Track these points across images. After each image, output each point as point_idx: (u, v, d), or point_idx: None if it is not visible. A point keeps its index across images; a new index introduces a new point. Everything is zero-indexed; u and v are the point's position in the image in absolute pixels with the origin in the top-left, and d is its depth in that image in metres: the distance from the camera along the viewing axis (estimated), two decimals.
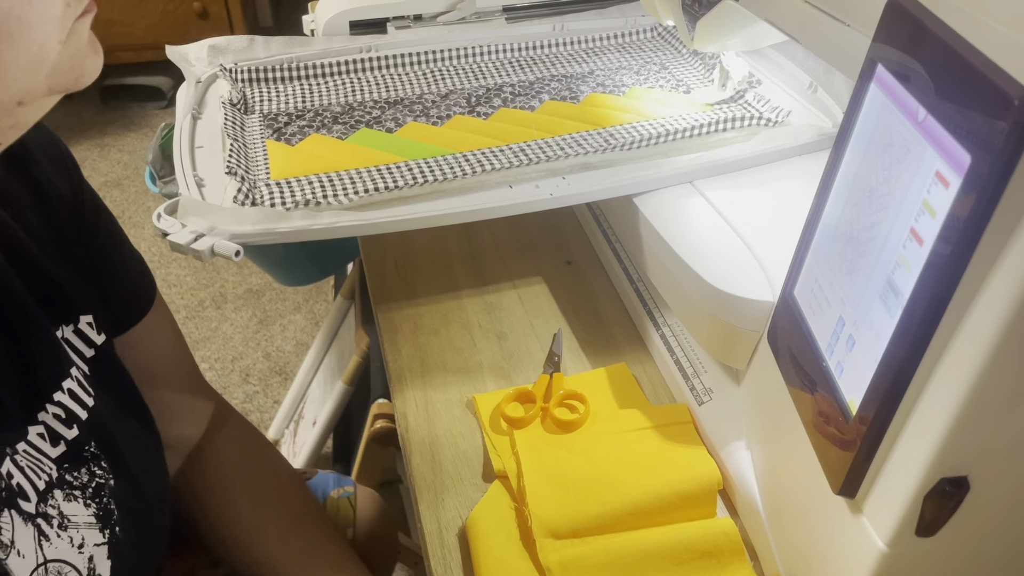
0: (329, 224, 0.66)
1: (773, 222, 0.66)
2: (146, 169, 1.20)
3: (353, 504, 0.83)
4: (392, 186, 0.69)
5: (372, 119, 0.82)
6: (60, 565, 0.49)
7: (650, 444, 0.64)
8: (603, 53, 0.95)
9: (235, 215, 0.64)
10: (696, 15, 0.68)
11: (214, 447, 0.71)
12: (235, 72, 0.87)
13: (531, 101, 0.84)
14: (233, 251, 0.61)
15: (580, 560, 0.56)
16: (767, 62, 0.87)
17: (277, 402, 1.74)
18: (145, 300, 0.66)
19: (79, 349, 0.56)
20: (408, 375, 0.73)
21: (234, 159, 0.71)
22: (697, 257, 0.63)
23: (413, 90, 0.87)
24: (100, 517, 0.53)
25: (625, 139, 0.74)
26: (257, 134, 0.79)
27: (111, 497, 0.54)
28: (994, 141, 0.32)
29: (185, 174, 0.70)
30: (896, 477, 0.41)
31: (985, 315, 0.35)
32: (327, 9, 0.95)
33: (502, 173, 0.71)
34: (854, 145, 0.44)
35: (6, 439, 0.48)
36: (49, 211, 0.56)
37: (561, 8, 1.01)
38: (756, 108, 0.79)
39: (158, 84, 2.76)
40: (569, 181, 0.71)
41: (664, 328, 0.73)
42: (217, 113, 0.79)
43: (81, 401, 0.54)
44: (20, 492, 0.47)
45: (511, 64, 0.93)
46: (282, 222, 0.65)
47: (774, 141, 0.74)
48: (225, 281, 2.08)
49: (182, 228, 0.63)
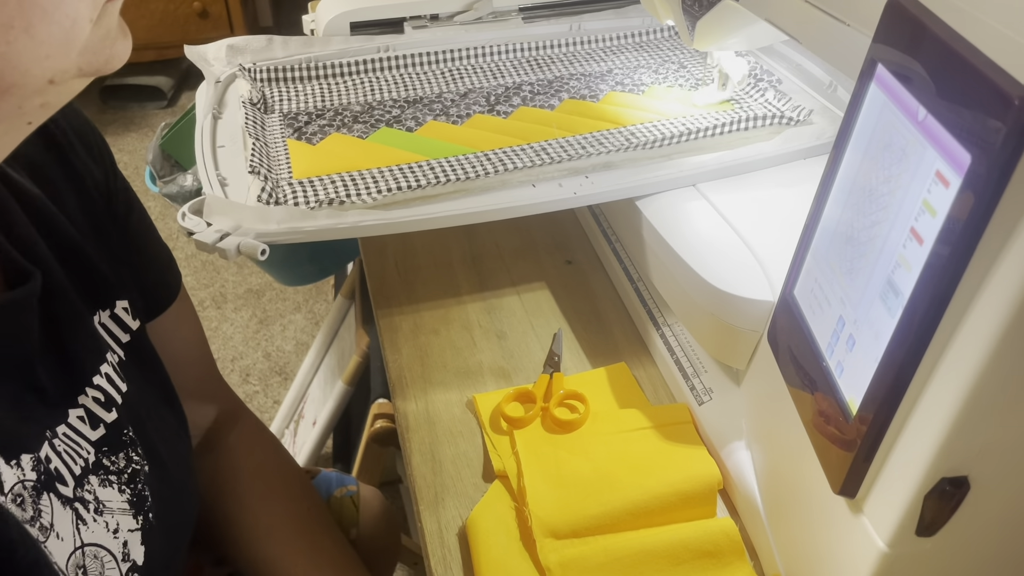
0: (355, 223, 0.66)
1: (773, 221, 0.66)
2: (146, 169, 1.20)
3: (356, 503, 0.83)
4: (415, 185, 0.69)
5: (392, 118, 0.82)
6: (96, 549, 0.49)
7: (650, 444, 0.64)
8: (621, 52, 0.95)
9: (260, 214, 0.64)
10: (696, 15, 0.68)
11: (227, 443, 0.71)
12: (254, 72, 0.87)
13: (550, 100, 0.85)
14: (259, 250, 0.61)
15: (580, 560, 0.56)
16: (786, 62, 0.87)
17: (277, 402, 1.74)
18: (174, 287, 0.66)
19: (115, 334, 0.56)
20: (408, 375, 0.73)
21: (257, 158, 0.72)
22: (697, 257, 0.63)
23: (432, 89, 0.88)
24: (134, 503, 0.53)
25: (647, 138, 0.75)
26: (278, 133, 0.80)
27: (145, 483, 0.54)
28: (994, 141, 0.32)
29: (208, 173, 0.70)
30: (896, 477, 0.41)
31: (985, 315, 0.34)
32: (328, 10, 0.95)
33: (524, 172, 0.71)
34: (854, 145, 0.44)
35: (48, 421, 0.48)
36: (85, 196, 0.56)
37: (578, 8, 1.01)
38: (777, 107, 0.79)
39: (158, 84, 2.76)
40: (592, 180, 0.71)
41: (664, 328, 0.73)
42: (237, 113, 0.80)
43: (116, 386, 0.54)
44: (58, 476, 0.47)
45: (529, 63, 0.93)
46: (307, 221, 0.65)
47: (797, 140, 0.74)
48: (225, 281, 2.08)
49: (207, 227, 0.63)
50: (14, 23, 0.37)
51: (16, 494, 0.44)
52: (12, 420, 0.46)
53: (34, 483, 0.45)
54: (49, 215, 0.52)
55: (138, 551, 0.52)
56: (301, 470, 0.75)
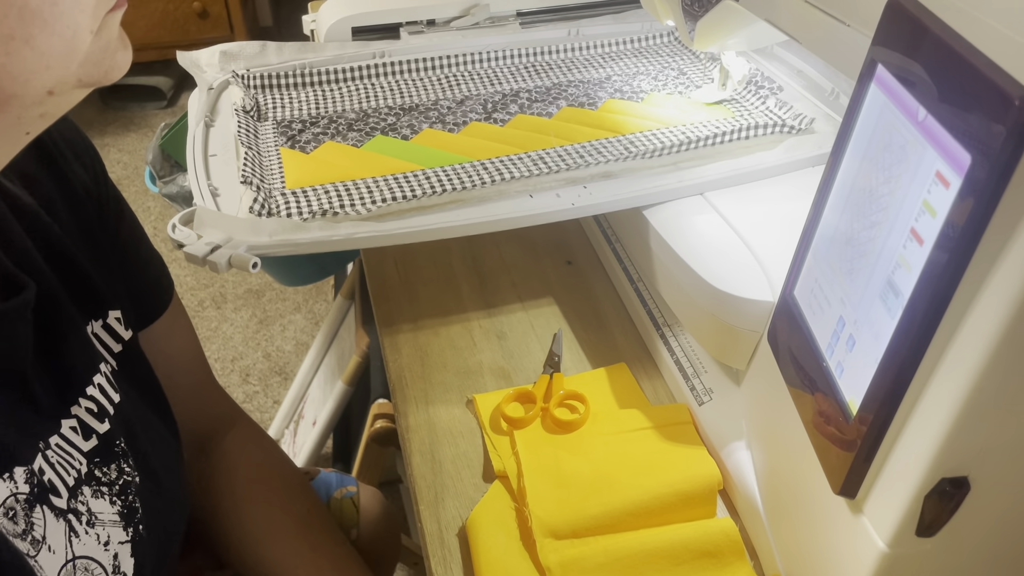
0: (347, 235, 0.65)
1: (773, 222, 0.66)
2: (146, 169, 1.21)
3: (356, 504, 0.83)
4: (410, 195, 0.68)
5: (387, 126, 0.81)
6: (87, 562, 0.49)
7: (650, 444, 0.64)
8: (620, 58, 0.94)
9: (252, 226, 0.63)
10: (696, 15, 0.68)
11: (223, 448, 0.71)
12: (247, 78, 0.86)
13: (548, 107, 0.84)
14: (251, 263, 0.60)
15: (580, 560, 0.56)
16: (788, 68, 0.86)
17: (277, 402, 1.74)
18: (166, 294, 0.65)
19: (107, 344, 0.56)
20: (408, 375, 0.73)
21: (249, 168, 0.70)
22: (697, 257, 0.63)
23: (428, 96, 0.86)
24: (124, 515, 0.53)
25: (646, 147, 0.73)
26: (271, 142, 0.78)
27: (136, 495, 0.54)
28: (994, 141, 0.32)
29: (200, 184, 0.69)
30: (896, 477, 0.41)
31: (985, 315, 0.35)
32: (330, 15, 0.94)
33: (522, 182, 0.70)
34: (854, 145, 0.44)
35: (41, 432, 0.48)
36: (77, 205, 0.56)
37: (576, 13, 1.00)
38: (778, 115, 0.78)
39: (158, 84, 2.76)
40: (591, 190, 0.70)
41: (664, 328, 0.73)
42: (230, 120, 0.78)
43: (109, 397, 0.54)
44: (52, 488, 0.47)
45: (527, 69, 0.92)
46: (300, 233, 0.64)
47: (798, 150, 0.72)
48: (225, 281, 2.09)
49: (198, 239, 0.62)
50: (15, 34, 0.37)
51: (8, 507, 0.44)
52: (6, 432, 0.45)
53: (27, 496, 0.45)
54: (43, 225, 0.52)
55: (128, 563, 0.52)
56: (299, 472, 0.75)
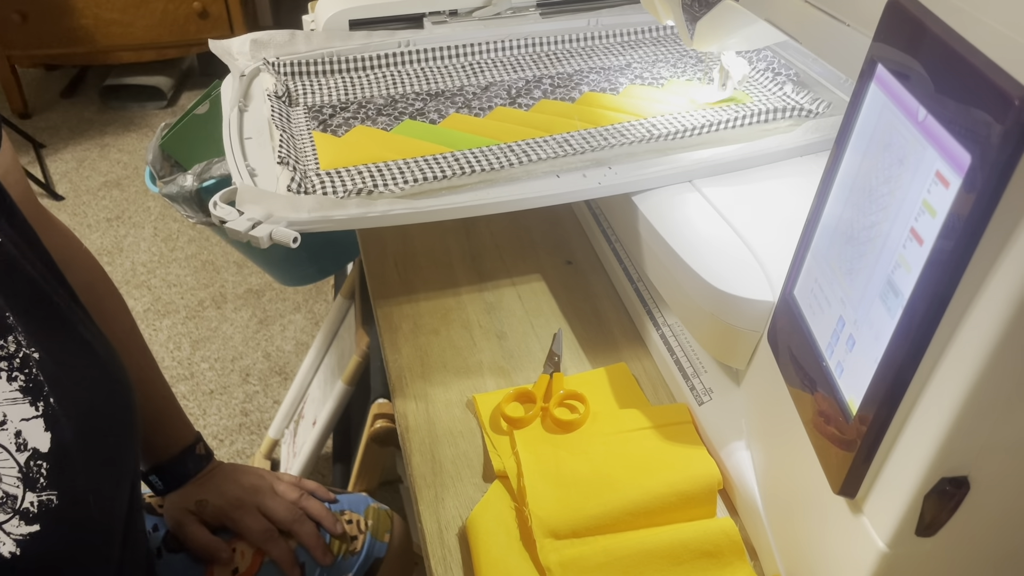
0: (384, 212, 0.67)
1: (773, 221, 0.66)
2: (146, 169, 1.20)
3: (391, 516, 0.87)
4: (441, 175, 0.70)
5: (415, 111, 0.83)
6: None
7: (650, 444, 0.64)
8: (639, 46, 0.96)
9: (292, 203, 0.65)
10: (696, 15, 0.68)
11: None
12: (278, 66, 0.89)
13: (571, 92, 0.86)
14: (291, 237, 0.63)
15: (580, 560, 0.56)
16: (803, 56, 0.87)
17: (277, 402, 1.74)
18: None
19: None
20: (408, 375, 0.73)
21: (284, 149, 0.73)
22: (697, 256, 0.63)
23: (453, 82, 0.89)
24: (28, 390, 0.51)
25: (669, 129, 0.75)
26: (303, 126, 0.81)
27: (39, 369, 0.52)
28: (994, 141, 0.32)
29: (238, 163, 0.71)
30: (896, 477, 0.41)
31: (985, 315, 0.35)
32: (326, 8, 0.95)
33: (548, 163, 0.72)
34: (854, 145, 0.44)
35: None
36: None
37: (594, 3, 1.02)
38: (796, 100, 0.80)
39: (158, 84, 2.77)
40: (616, 170, 0.72)
41: (664, 328, 0.73)
42: (262, 105, 0.81)
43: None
44: None
45: (548, 57, 0.94)
46: (338, 209, 0.66)
47: (817, 132, 0.74)
48: (225, 281, 2.09)
49: (239, 216, 0.64)
50: None
51: None
52: None
53: None
54: None
55: (41, 438, 0.50)
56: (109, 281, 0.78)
